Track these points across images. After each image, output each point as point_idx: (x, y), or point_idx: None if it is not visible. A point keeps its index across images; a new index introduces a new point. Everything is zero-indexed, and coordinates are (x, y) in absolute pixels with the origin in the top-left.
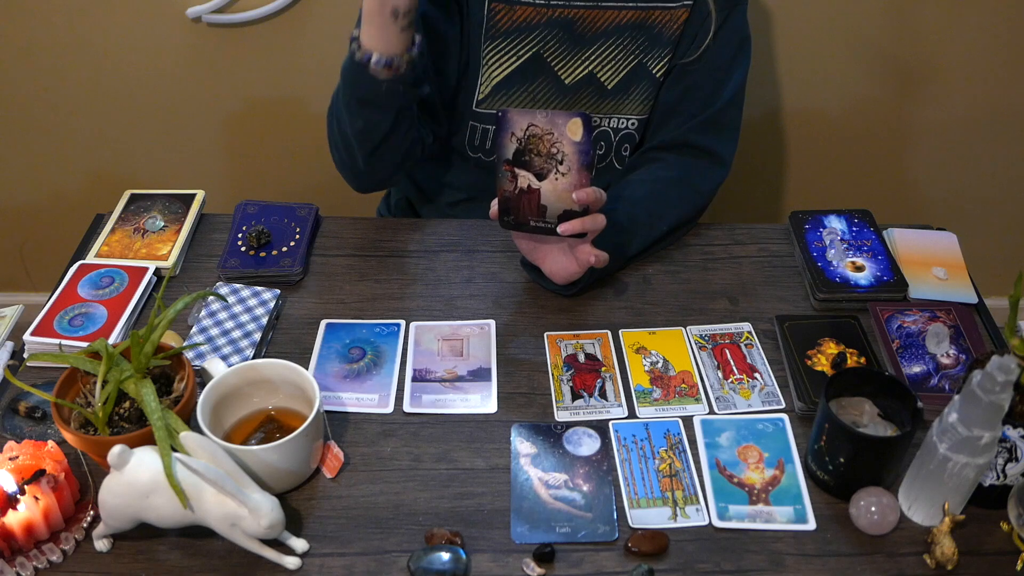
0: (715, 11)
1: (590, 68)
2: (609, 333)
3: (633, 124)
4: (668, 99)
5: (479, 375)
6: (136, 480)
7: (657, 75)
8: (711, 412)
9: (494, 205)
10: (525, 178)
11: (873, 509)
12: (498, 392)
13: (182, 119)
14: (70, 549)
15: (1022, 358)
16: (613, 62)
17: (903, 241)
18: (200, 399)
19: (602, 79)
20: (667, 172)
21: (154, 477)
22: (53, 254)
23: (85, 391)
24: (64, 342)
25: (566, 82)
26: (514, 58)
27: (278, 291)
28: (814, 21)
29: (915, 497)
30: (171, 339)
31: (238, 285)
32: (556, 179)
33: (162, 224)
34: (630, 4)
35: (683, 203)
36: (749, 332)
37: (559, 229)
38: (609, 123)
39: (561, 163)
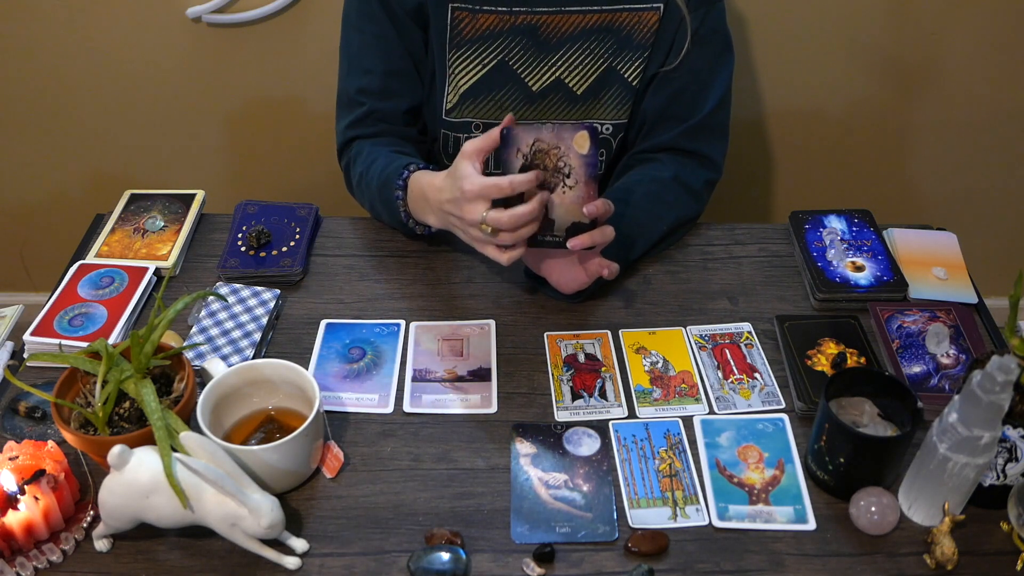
0: (688, 14)
1: (557, 74)
2: (609, 333)
3: (608, 129)
4: (653, 107)
5: (479, 375)
6: (136, 480)
7: (630, 80)
8: (711, 412)
9: None
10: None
11: (873, 509)
12: (498, 392)
13: (182, 119)
14: (70, 549)
15: (1022, 358)
16: (581, 67)
17: (903, 241)
18: (200, 399)
19: (570, 84)
20: (663, 172)
21: (154, 477)
22: (53, 254)
23: (85, 391)
24: (64, 342)
25: (533, 89)
26: (479, 66)
27: (278, 291)
28: (814, 21)
29: (915, 497)
30: (171, 339)
31: (238, 285)
32: (563, 192)
33: (162, 224)
34: (595, 8)
35: (679, 203)
36: (749, 332)
37: (569, 244)
38: None
39: (568, 176)
